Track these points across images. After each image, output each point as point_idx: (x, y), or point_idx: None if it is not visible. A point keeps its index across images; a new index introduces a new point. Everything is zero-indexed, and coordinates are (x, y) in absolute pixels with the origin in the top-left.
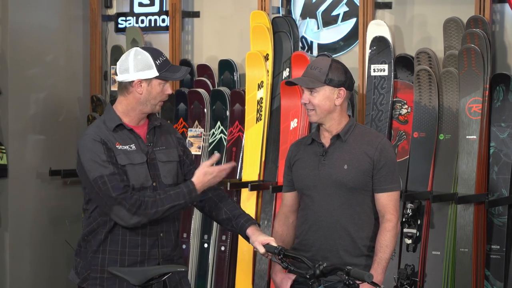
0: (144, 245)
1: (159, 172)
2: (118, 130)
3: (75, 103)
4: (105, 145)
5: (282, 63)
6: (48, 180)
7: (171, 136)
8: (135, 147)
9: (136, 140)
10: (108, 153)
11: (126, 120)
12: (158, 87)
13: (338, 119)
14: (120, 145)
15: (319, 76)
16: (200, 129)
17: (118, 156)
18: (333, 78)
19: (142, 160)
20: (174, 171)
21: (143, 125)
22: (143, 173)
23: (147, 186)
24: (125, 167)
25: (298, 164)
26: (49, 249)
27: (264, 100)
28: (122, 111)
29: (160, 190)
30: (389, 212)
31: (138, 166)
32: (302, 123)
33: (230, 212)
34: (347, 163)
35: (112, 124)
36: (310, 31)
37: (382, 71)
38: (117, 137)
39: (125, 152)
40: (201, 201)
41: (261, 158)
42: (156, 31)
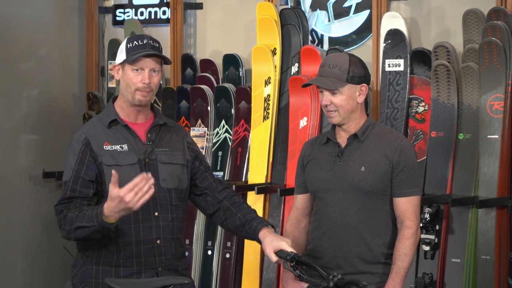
0: (139, 254)
1: (157, 174)
2: (113, 126)
3: (70, 100)
4: (86, 146)
5: (291, 58)
6: (41, 183)
7: (180, 139)
8: (128, 147)
9: (132, 139)
10: (82, 156)
11: (122, 115)
12: (130, 73)
13: (358, 118)
14: (110, 144)
15: (341, 75)
16: (203, 128)
17: (103, 157)
18: (354, 75)
19: (133, 161)
20: (176, 175)
21: (145, 123)
22: (132, 175)
23: None
24: (110, 168)
25: (312, 164)
26: (42, 258)
27: (271, 97)
28: (119, 105)
29: (82, 208)
30: (409, 218)
31: (127, 167)
32: (312, 122)
33: (244, 217)
34: (364, 165)
35: (107, 120)
36: (321, 23)
37: (398, 66)
38: (110, 135)
39: (112, 153)
40: (214, 210)
41: (268, 159)
42: (157, 24)
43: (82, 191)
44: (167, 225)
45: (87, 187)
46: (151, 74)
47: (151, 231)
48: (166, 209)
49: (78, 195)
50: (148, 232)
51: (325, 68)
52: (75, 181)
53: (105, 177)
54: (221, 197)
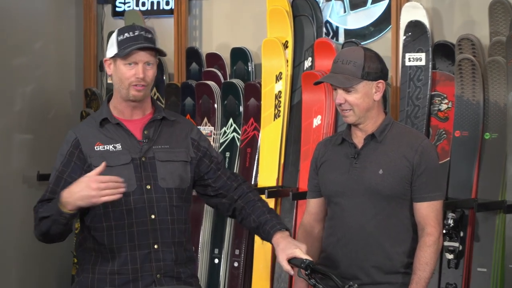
0: (135, 260)
1: (155, 173)
2: (105, 125)
3: (67, 97)
4: (75, 147)
5: (304, 52)
6: (36, 185)
7: (183, 135)
8: (122, 146)
9: (126, 137)
10: (68, 158)
11: (116, 112)
12: (123, 67)
13: (375, 117)
14: (102, 144)
15: (355, 71)
16: (209, 127)
17: (92, 159)
18: (370, 71)
19: (126, 161)
20: (177, 173)
21: (142, 118)
22: (124, 175)
23: (130, 191)
24: None
25: (326, 166)
26: (37, 264)
27: (283, 94)
28: (113, 103)
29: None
30: (430, 225)
31: (119, 168)
32: (327, 120)
33: (257, 219)
34: (383, 168)
35: (98, 119)
36: (336, 14)
37: (419, 61)
38: (102, 134)
39: (103, 153)
40: (231, 211)
41: (279, 161)
42: (159, 15)
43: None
44: (165, 228)
45: None
46: (145, 68)
47: (147, 235)
48: (164, 211)
49: (52, 195)
50: (143, 236)
51: (338, 64)
52: (56, 183)
53: None
54: (236, 196)
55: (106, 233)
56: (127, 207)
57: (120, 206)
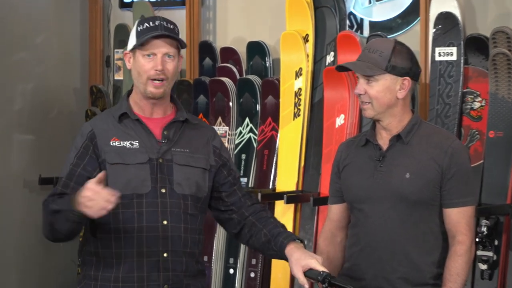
0: (142, 268)
1: (172, 177)
2: (124, 120)
3: (71, 95)
4: (90, 140)
5: (326, 46)
6: (38, 190)
7: (204, 140)
8: (139, 144)
9: (144, 135)
10: (83, 151)
11: (136, 109)
12: (142, 60)
13: (400, 116)
14: (118, 140)
15: (380, 62)
16: (224, 127)
17: (107, 155)
18: (396, 64)
19: (142, 160)
20: (194, 180)
21: (163, 118)
22: (139, 176)
23: (143, 192)
24: (114, 166)
25: (349, 169)
26: (39, 274)
27: (303, 91)
28: (133, 98)
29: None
30: (461, 232)
31: (134, 167)
32: (351, 120)
33: (269, 232)
34: (410, 171)
35: (117, 113)
36: (360, 5)
37: (450, 55)
38: (120, 129)
39: (119, 150)
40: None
41: (299, 163)
42: (170, 7)
43: (76, 188)
44: (177, 236)
45: (83, 184)
46: (165, 60)
47: (157, 241)
48: (178, 218)
49: (71, 192)
50: (153, 242)
51: (365, 53)
52: (69, 176)
53: (107, 177)
54: (248, 213)
55: (114, 236)
56: (138, 209)
57: (131, 207)
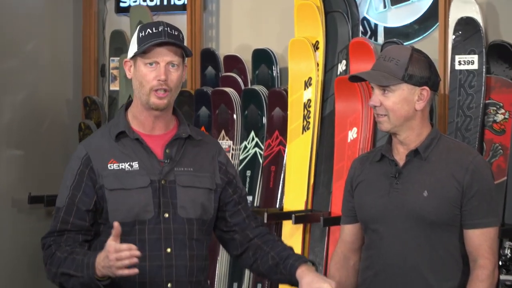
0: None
1: (175, 200)
2: (122, 139)
3: (63, 107)
4: (85, 165)
5: (337, 54)
6: (27, 209)
7: (209, 157)
8: (139, 165)
9: (145, 155)
10: (78, 179)
11: (135, 124)
12: (143, 68)
13: (418, 129)
14: (116, 162)
15: (396, 71)
16: (228, 141)
17: (105, 179)
18: (414, 73)
19: (143, 183)
20: (199, 202)
21: (165, 134)
22: (141, 201)
23: (146, 218)
24: (114, 192)
25: (362, 187)
26: None
27: (313, 102)
28: (132, 112)
29: (73, 248)
30: (483, 256)
31: (136, 191)
32: (364, 134)
33: (278, 255)
34: (428, 189)
35: (115, 131)
36: (374, 10)
37: (471, 64)
38: (117, 150)
39: (118, 173)
40: (242, 250)
41: (309, 181)
42: (170, 12)
43: (76, 223)
44: (183, 265)
45: (82, 218)
46: (168, 69)
47: (161, 271)
48: (183, 244)
49: (71, 228)
50: (156, 272)
51: (380, 61)
52: (68, 211)
53: (107, 204)
54: (252, 235)
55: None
56: (140, 237)
57: (132, 234)
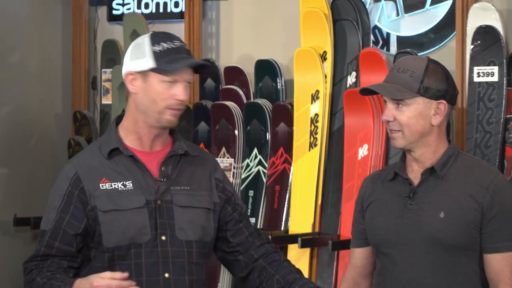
0: None
1: (173, 221)
2: (116, 158)
3: (51, 121)
4: (74, 186)
5: (347, 65)
6: (12, 232)
7: (206, 174)
8: (133, 185)
9: (139, 173)
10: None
11: (129, 141)
12: (159, 85)
13: (434, 146)
14: (108, 181)
15: (411, 83)
16: (229, 159)
17: (97, 200)
18: (430, 86)
19: (139, 204)
20: (198, 223)
21: (160, 151)
22: (137, 222)
23: (142, 242)
24: (107, 214)
25: (374, 208)
26: None
27: (320, 117)
28: (126, 128)
29: (57, 275)
30: (505, 282)
31: (131, 212)
32: (376, 151)
33: (283, 279)
34: (445, 210)
35: (107, 148)
36: (386, 18)
37: (490, 76)
38: (109, 168)
39: (110, 193)
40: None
41: (316, 201)
42: (167, 20)
43: (62, 248)
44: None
45: (69, 243)
46: (186, 88)
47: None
48: (182, 269)
49: (56, 253)
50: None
51: (393, 73)
52: (53, 234)
53: (100, 227)
54: (257, 255)
55: None
56: (136, 261)
57: (128, 259)
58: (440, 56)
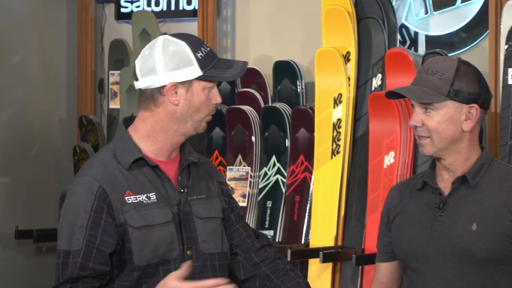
0: None
1: (196, 234)
2: (135, 168)
3: (55, 127)
4: (102, 200)
5: (371, 66)
6: (13, 245)
7: (212, 179)
8: (157, 197)
9: (161, 185)
10: (95, 216)
11: (149, 151)
12: (202, 93)
13: (466, 153)
14: (133, 194)
15: (440, 85)
16: (245, 167)
17: (127, 215)
18: (461, 89)
19: (166, 218)
20: (218, 234)
21: (174, 160)
22: (166, 238)
23: (171, 258)
24: (139, 231)
25: (401, 219)
26: None
27: (343, 122)
28: (146, 135)
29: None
30: None
31: (160, 227)
32: (402, 158)
33: None
34: (477, 222)
35: (128, 158)
36: (414, 16)
37: None
38: (130, 179)
39: (138, 206)
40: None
41: (339, 213)
42: (178, 18)
43: (96, 268)
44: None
45: (104, 263)
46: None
47: None
48: None
49: (90, 274)
50: None
51: (422, 75)
52: (87, 255)
53: (130, 244)
54: (259, 259)
55: None
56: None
57: (157, 276)
58: (472, 56)
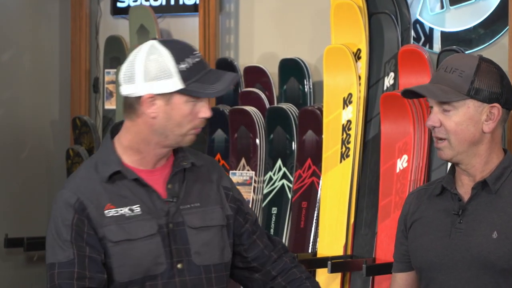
0: None
1: (188, 246)
2: (117, 179)
3: (47, 129)
4: (80, 212)
5: (383, 65)
6: (3, 254)
7: (214, 184)
8: (142, 209)
9: (147, 196)
10: (77, 229)
11: (131, 161)
12: (184, 106)
13: (486, 156)
14: (114, 207)
15: (460, 84)
16: (249, 172)
17: (106, 229)
18: (482, 87)
19: (151, 230)
20: (216, 244)
21: (164, 167)
22: (150, 252)
23: (158, 273)
24: (118, 245)
25: (418, 226)
26: None
27: (353, 124)
28: (128, 146)
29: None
30: None
31: (143, 241)
32: (416, 162)
33: None
34: (498, 229)
35: (106, 171)
36: (429, 11)
37: None
38: (113, 192)
39: (120, 219)
40: None
41: (348, 220)
42: (179, 13)
43: (95, 277)
44: None
45: (100, 270)
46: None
47: None
48: None
49: (90, 285)
50: None
51: (440, 72)
52: (81, 265)
53: (110, 260)
54: (276, 271)
55: None
56: None
57: None
58: (491, 54)
